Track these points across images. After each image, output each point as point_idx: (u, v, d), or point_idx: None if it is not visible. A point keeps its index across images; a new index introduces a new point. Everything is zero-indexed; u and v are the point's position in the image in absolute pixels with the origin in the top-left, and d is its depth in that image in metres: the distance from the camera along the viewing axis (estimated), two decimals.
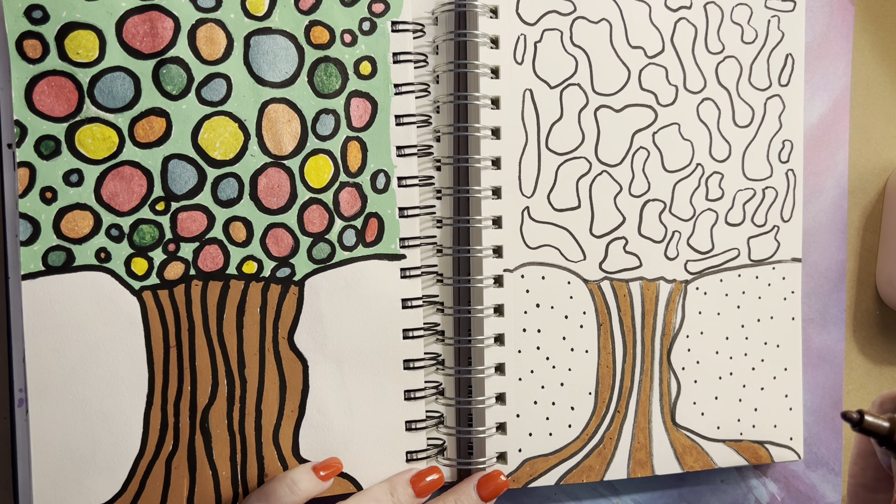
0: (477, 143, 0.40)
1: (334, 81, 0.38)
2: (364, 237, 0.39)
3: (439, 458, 0.40)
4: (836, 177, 0.48)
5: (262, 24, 0.37)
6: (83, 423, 0.36)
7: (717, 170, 0.44)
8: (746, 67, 0.45)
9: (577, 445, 0.42)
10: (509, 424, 0.41)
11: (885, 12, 0.49)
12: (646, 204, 0.43)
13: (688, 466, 0.44)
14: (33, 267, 0.35)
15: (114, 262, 0.36)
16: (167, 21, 0.36)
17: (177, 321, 0.37)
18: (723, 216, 0.45)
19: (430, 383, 0.40)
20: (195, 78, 0.36)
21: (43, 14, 0.35)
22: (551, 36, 0.41)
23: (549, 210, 0.42)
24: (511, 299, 0.41)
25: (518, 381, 0.41)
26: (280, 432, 0.38)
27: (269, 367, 0.38)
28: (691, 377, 0.44)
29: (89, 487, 0.36)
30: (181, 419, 0.37)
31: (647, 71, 0.43)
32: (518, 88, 0.41)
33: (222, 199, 0.37)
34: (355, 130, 0.39)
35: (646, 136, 0.43)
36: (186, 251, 0.37)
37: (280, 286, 0.38)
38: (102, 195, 0.36)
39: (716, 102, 0.44)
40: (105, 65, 0.35)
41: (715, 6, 0.44)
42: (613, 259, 0.43)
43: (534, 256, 0.42)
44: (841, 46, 0.48)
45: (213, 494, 0.37)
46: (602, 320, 0.43)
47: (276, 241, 0.38)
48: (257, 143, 0.37)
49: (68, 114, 0.35)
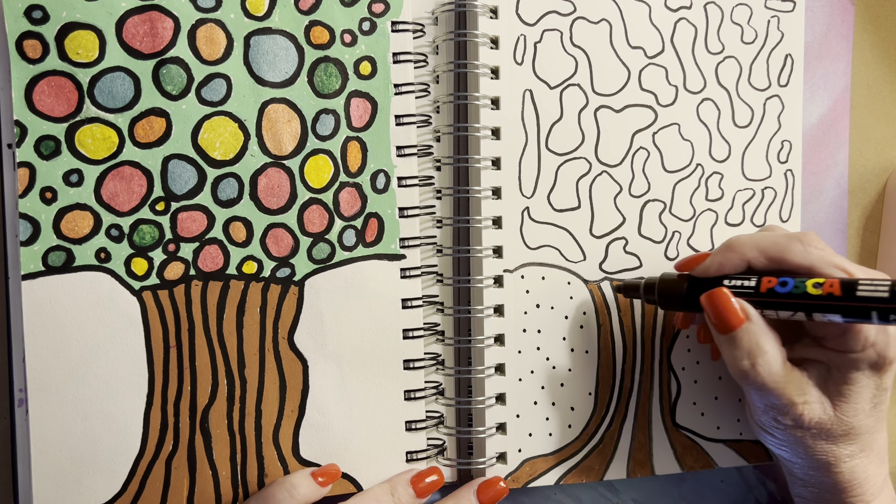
0: (477, 143, 0.40)
1: (334, 81, 0.38)
2: (364, 237, 0.39)
3: (439, 459, 0.40)
4: (836, 177, 0.48)
5: (262, 24, 0.37)
6: (83, 423, 0.36)
7: (717, 170, 0.44)
8: (746, 68, 0.45)
9: (577, 445, 0.42)
10: (509, 424, 0.41)
11: (885, 12, 0.49)
12: (646, 204, 0.43)
13: (688, 466, 0.44)
14: (33, 267, 0.35)
15: (114, 263, 0.36)
16: (167, 21, 0.36)
17: (177, 321, 0.37)
18: (722, 216, 0.45)
19: (430, 383, 0.40)
20: (195, 78, 0.36)
21: (43, 14, 0.35)
22: (551, 36, 0.41)
23: (549, 210, 0.42)
24: (511, 299, 0.41)
25: (518, 381, 0.41)
26: (280, 432, 0.38)
27: (269, 367, 0.38)
28: (691, 377, 0.44)
29: (89, 487, 0.36)
30: (181, 419, 0.37)
31: (647, 71, 0.43)
32: (518, 89, 0.41)
33: (222, 199, 0.37)
34: (355, 130, 0.39)
35: (646, 137, 0.43)
36: (186, 251, 0.37)
37: (280, 286, 0.38)
38: (102, 195, 0.36)
39: (715, 103, 0.44)
40: (105, 65, 0.36)
41: (715, 6, 0.44)
42: (613, 259, 0.43)
43: (534, 257, 0.42)
44: (841, 46, 0.48)
45: (213, 494, 0.37)
46: (602, 321, 0.43)
47: (276, 241, 0.38)
48: (257, 143, 0.37)
49: (68, 114, 0.35)
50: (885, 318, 0.30)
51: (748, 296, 0.35)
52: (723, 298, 0.35)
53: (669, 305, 0.39)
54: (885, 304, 0.30)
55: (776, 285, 0.34)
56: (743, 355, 0.34)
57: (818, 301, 0.32)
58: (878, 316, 0.31)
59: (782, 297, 0.34)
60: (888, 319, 0.30)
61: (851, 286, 0.31)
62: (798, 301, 0.33)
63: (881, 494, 0.37)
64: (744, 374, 0.35)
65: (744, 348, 0.34)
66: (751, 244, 0.36)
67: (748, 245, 0.36)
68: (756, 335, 0.34)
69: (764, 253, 0.35)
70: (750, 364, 0.34)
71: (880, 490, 0.37)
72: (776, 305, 0.34)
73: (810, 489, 0.38)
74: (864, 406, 0.35)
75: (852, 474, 0.36)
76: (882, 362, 0.34)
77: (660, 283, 0.39)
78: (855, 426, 0.35)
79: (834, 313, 0.32)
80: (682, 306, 0.38)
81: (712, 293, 0.35)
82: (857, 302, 0.31)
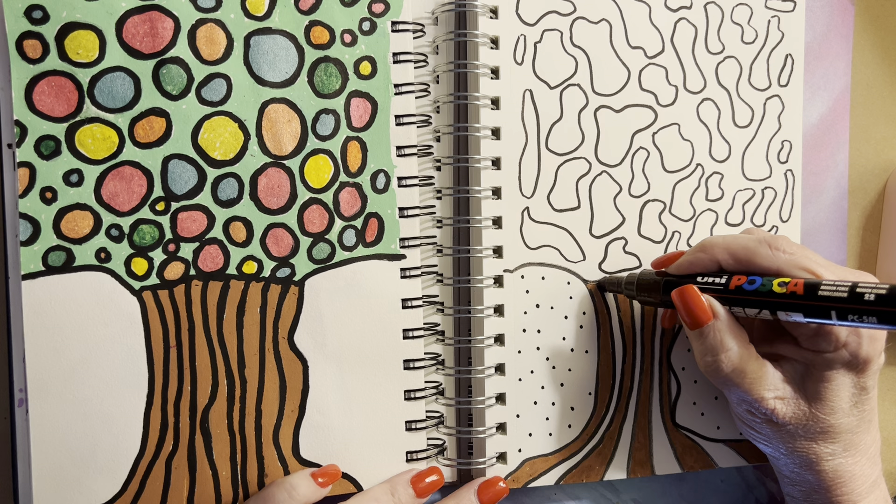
0: (477, 143, 0.40)
1: (334, 81, 0.38)
2: (364, 237, 0.39)
3: (439, 459, 0.40)
4: (836, 177, 0.48)
5: (262, 24, 0.37)
6: (83, 423, 0.36)
7: (717, 170, 0.44)
8: (746, 68, 0.45)
9: (577, 445, 0.42)
10: (509, 424, 0.41)
11: (885, 12, 0.49)
12: (646, 204, 0.43)
13: (688, 466, 0.44)
14: (33, 267, 0.35)
15: (114, 263, 0.36)
16: (167, 21, 0.36)
17: (177, 321, 0.37)
18: (723, 216, 0.45)
19: (430, 383, 0.40)
20: (195, 78, 0.36)
21: (43, 14, 0.35)
22: (551, 36, 0.41)
23: (549, 210, 0.42)
24: (511, 299, 0.41)
25: (518, 381, 0.41)
26: (280, 432, 0.38)
27: (269, 367, 0.38)
28: (691, 377, 0.44)
29: (89, 487, 0.36)
30: (181, 419, 0.37)
31: (647, 71, 0.43)
32: (518, 89, 0.41)
33: (222, 199, 0.37)
34: (355, 130, 0.39)
35: (646, 137, 0.43)
36: (186, 251, 0.37)
37: (280, 286, 0.38)
38: (102, 195, 0.36)
39: (715, 103, 0.44)
40: (105, 65, 0.35)
41: (715, 6, 0.44)
42: (613, 259, 0.43)
43: (534, 257, 0.42)
44: (841, 46, 0.48)
45: (213, 494, 0.37)
46: (602, 320, 0.43)
47: (276, 241, 0.38)
48: (257, 143, 0.37)
49: (68, 114, 0.35)
50: (844, 318, 0.31)
51: (717, 292, 0.36)
52: (692, 295, 0.36)
53: (647, 301, 0.40)
54: (841, 304, 0.31)
55: (745, 283, 0.35)
56: (707, 350, 0.35)
57: (781, 299, 0.33)
58: (836, 315, 0.31)
59: (749, 295, 0.34)
60: (846, 319, 0.31)
61: (814, 287, 0.32)
62: (763, 299, 0.34)
63: (871, 495, 0.37)
64: (708, 367, 0.36)
65: (709, 344, 0.35)
66: (722, 246, 0.37)
67: (719, 247, 0.37)
68: (721, 332, 0.35)
69: (733, 255, 0.36)
70: (713, 359, 0.35)
71: (870, 490, 0.37)
72: (743, 303, 0.35)
73: (798, 488, 0.38)
74: (843, 405, 0.35)
75: (836, 473, 0.36)
76: (857, 362, 0.35)
77: (639, 279, 0.40)
78: (833, 424, 0.36)
79: (796, 311, 0.33)
80: (658, 302, 0.39)
81: (682, 290, 0.36)
82: (817, 301, 0.32)
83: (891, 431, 0.49)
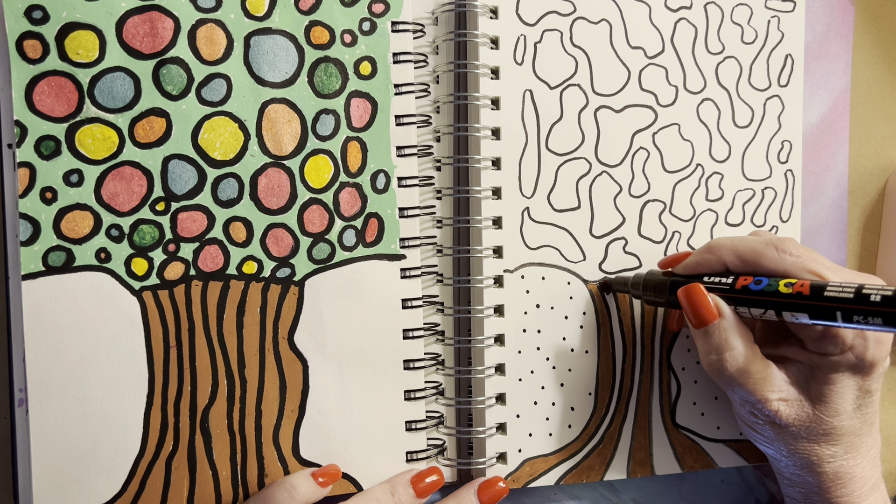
0: (477, 143, 0.40)
1: (334, 81, 0.38)
2: (364, 237, 0.39)
3: (439, 459, 0.40)
4: (836, 177, 0.48)
5: (262, 24, 0.37)
6: (83, 423, 0.36)
7: (717, 170, 0.44)
8: (746, 68, 0.45)
9: (577, 445, 0.42)
10: (509, 424, 0.41)
11: (885, 12, 0.49)
12: (646, 204, 0.43)
13: (688, 466, 0.44)
14: (33, 267, 0.35)
15: (114, 263, 0.36)
16: (167, 21, 0.36)
17: (177, 321, 0.37)
18: (723, 217, 0.45)
19: (430, 383, 0.40)
20: (195, 78, 0.36)
21: (43, 14, 0.35)
22: (551, 36, 0.41)
23: (549, 210, 0.42)
24: (511, 300, 0.41)
25: (518, 381, 0.41)
26: (280, 432, 0.38)
27: (269, 367, 0.38)
28: (691, 377, 0.44)
29: (89, 487, 0.36)
30: (181, 419, 0.37)
31: (647, 71, 0.43)
32: (518, 89, 0.41)
33: (222, 199, 0.37)
34: (355, 130, 0.39)
35: (646, 137, 0.43)
36: (186, 251, 0.37)
37: (280, 286, 0.38)
38: (102, 195, 0.36)
39: (715, 103, 0.44)
40: (105, 65, 0.36)
41: (715, 6, 0.44)
42: (613, 259, 0.43)
43: (534, 257, 0.42)
44: (841, 46, 0.48)
45: (213, 495, 0.37)
46: (602, 321, 0.43)
47: (276, 241, 0.38)
48: (257, 144, 0.37)
49: (68, 114, 0.35)
50: (849, 319, 0.31)
51: (723, 292, 0.36)
52: (698, 294, 0.36)
53: (653, 301, 0.40)
54: (847, 305, 0.31)
55: (751, 283, 0.35)
56: (712, 349, 0.35)
57: (787, 300, 0.33)
58: (842, 317, 0.31)
59: (755, 295, 0.34)
60: (851, 320, 0.31)
61: (820, 288, 0.32)
62: (769, 299, 0.34)
63: (871, 497, 0.37)
64: (712, 366, 0.36)
65: (713, 343, 0.35)
66: (729, 248, 0.37)
67: (726, 248, 0.37)
68: (727, 331, 0.35)
69: (740, 257, 0.36)
70: (717, 358, 0.35)
71: (870, 493, 0.37)
72: (749, 303, 0.35)
73: (797, 489, 0.38)
74: (846, 408, 0.35)
75: (837, 475, 0.36)
76: (863, 365, 0.35)
77: (646, 279, 0.40)
78: (836, 427, 0.36)
79: (802, 312, 0.32)
80: (664, 302, 0.39)
81: (689, 288, 0.36)
82: (823, 302, 0.32)
83: (891, 432, 0.49)
